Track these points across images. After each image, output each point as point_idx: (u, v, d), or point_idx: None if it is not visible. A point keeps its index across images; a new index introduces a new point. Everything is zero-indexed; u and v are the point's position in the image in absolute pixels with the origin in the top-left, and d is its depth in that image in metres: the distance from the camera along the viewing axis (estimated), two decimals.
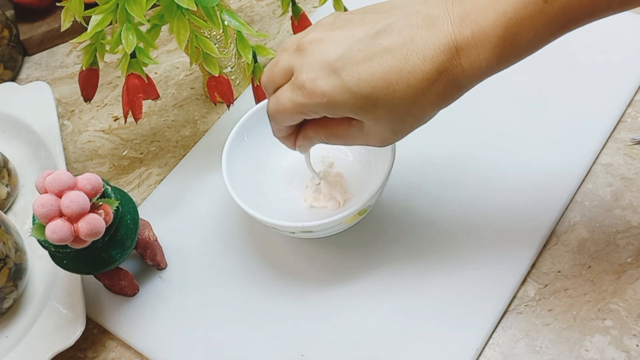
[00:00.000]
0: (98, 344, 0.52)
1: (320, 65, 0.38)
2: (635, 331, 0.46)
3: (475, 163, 0.55)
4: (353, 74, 0.37)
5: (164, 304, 0.53)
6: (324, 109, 0.39)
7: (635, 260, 0.49)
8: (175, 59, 0.72)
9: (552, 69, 0.61)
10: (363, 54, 0.37)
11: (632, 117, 0.57)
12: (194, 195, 0.59)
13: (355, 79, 0.37)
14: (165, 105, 0.68)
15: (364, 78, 0.37)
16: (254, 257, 0.54)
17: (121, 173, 0.63)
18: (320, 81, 0.38)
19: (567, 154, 0.55)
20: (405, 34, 0.37)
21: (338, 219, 0.47)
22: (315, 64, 0.39)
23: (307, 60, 0.39)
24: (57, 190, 0.43)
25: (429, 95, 0.37)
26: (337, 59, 0.38)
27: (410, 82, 0.37)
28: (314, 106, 0.39)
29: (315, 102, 0.39)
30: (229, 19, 0.53)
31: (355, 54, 0.38)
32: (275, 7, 0.75)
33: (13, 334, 0.52)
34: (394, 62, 0.37)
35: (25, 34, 0.76)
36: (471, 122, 0.58)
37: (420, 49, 0.36)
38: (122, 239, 0.48)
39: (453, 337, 0.47)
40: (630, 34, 0.62)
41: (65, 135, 0.67)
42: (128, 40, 0.49)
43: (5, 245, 0.50)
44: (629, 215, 0.52)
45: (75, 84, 0.71)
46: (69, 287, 0.51)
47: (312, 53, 0.39)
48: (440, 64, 0.36)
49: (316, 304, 0.50)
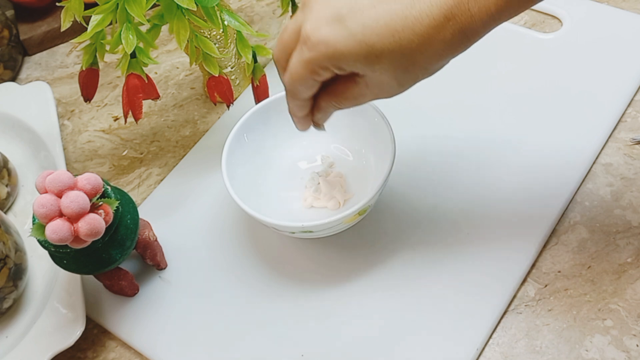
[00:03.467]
0: (98, 344, 0.52)
1: (325, 14, 0.37)
2: (635, 331, 0.46)
3: (475, 164, 0.55)
4: (357, 22, 0.36)
5: (164, 304, 0.53)
6: (330, 60, 0.37)
7: (635, 260, 0.49)
8: (175, 59, 0.72)
9: (552, 69, 0.61)
10: (368, 1, 0.36)
11: (632, 117, 0.57)
12: (194, 195, 0.59)
13: (360, 26, 0.36)
14: (165, 105, 0.68)
15: (369, 25, 0.36)
16: (254, 257, 0.54)
17: (121, 173, 0.63)
18: (324, 29, 0.37)
19: (567, 154, 0.55)
20: None
21: (338, 219, 0.47)
22: (319, 15, 0.37)
23: (313, 13, 0.38)
24: (57, 190, 0.43)
25: (436, 44, 0.36)
26: (342, 7, 0.37)
27: (416, 29, 0.35)
28: (320, 59, 0.38)
29: (320, 53, 0.37)
30: (229, 19, 0.53)
31: (359, 1, 0.36)
32: (275, 7, 0.75)
33: (13, 334, 0.52)
34: (399, 8, 0.36)
35: (25, 34, 0.76)
36: (471, 124, 0.58)
37: None
38: (122, 239, 0.48)
39: (453, 337, 0.47)
40: (630, 34, 0.62)
41: (65, 135, 0.67)
42: (128, 40, 0.49)
43: (5, 245, 0.50)
44: (629, 215, 0.52)
45: (75, 84, 0.71)
46: (69, 287, 0.51)
47: (316, 5, 0.38)
48: (448, 9, 0.35)
49: (316, 304, 0.50)
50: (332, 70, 0.38)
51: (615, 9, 0.65)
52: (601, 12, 0.65)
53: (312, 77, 0.39)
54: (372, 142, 0.53)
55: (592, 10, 0.65)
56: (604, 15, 0.65)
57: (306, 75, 0.39)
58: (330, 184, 0.53)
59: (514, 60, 0.62)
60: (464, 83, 0.61)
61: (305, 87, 0.40)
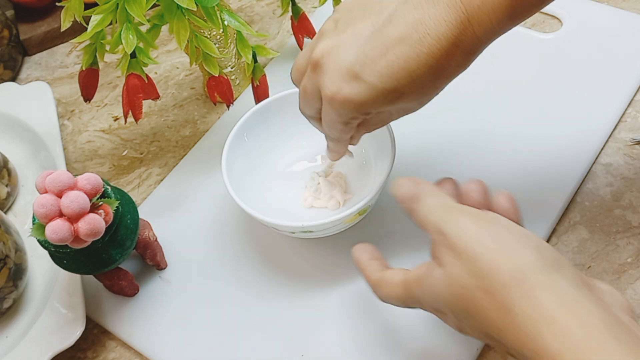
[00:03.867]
0: (98, 344, 0.52)
1: (340, 74, 0.39)
2: None
3: (475, 164, 0.55)
4: (373, 74, 0.38)
5: (164, 304, 0.53)
6: (358, 111, 0.40)
7: (635, 260, 0.49)
8: (175, 59, 0.72)
9: (552, 69, 0.61)
10: (377, 51, 0.37)
11: (632, 117, 0.57)
12: (194, 195, 0.59)
13: (377, 77, 0.38)
14: (165, 105, 0.68)
15: (385, 74, 0.37)
16: (254, 257, 0.54)
17: (121, 173, 0.63)
18: (345, 90, 0.39)
19: (567, 154, 0.55)
20: (412, 18, 0.37)
21: (338, 219, 0.47)
22: (335, 75, 0.39)
23: (327, 75, 0.40)
24: (57, 190, 0.43)
25: (450, 69, 0.38)
26: (354, 64, 0.38)
27: (430, 63, 0.37)
28: (349, 114, 0.40)
29: (349, 109, 0.40)
30: (229, 19, 0.53)
31: (369, 53, 0.38)
32: (275, 7, 0.75)
33: (13, 334, 0.52)
34: (409, 50, 0.37)
35: (25, 34, 0.76)
36: (471, 124, 0.58)
37: (432, 29, 0.36)
38: (122, 239, 0.48)
39: (453, 337, 0.47)
40: (630, 34, 0.62)
41: (65, 135, 0.67)
42: (128, 40, 0.49)
43: (5, 245, 0.50)
44: (629, 215, 0.52)
45: (75, 84, 0.71)
46: (69, 287, 0.51)
47: (328, 66, 0.39)
48: (455, 37, 0.36)
49: (316, 304, 0.50)
50: (362, 117, 0.42)
51: (615, 9, 0.65)
52: (601, 12, 0.65)
53: (347, 127, 0.43)
54: (372, 142, 0.53)
55: (592, 10, 0.65)
56: (604, 15, 0.65)
57: (341, 128, 0.43)
58: (330, 184, 0.53)
59: (514, 60, 0.62)
60: (464, 83, 0.61)
61: (344, 134, 0.44)
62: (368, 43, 0.38)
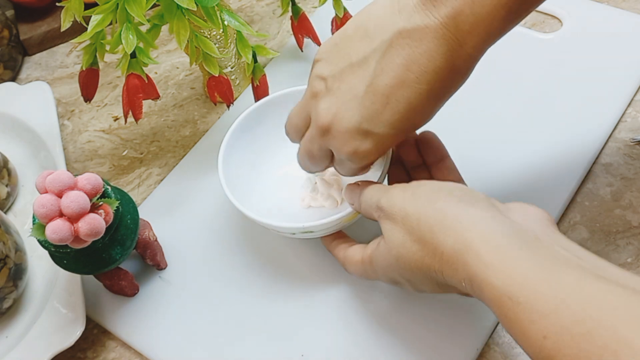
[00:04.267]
0: (98, 344, 0.52)
1: (351, 136, 0.40)
2: None
3: (475, 163, 0.55)
4: (383, 125, 0.39)
5: (164, 304, 0.53)
6: (380, 154, 0.41)
7: (635, 260, 0.49)
8: (175, 59, 0.72)
9: (552, 69, 0.61)
10: (379, 104, 0.38)
11: (632, 117, 0.57)
12: (194, 195, 0.59)
13: (388, 127, 0.39)
14: (165, 105, 0.68)
15: (394, 121, 0.38)
16: (254, 257, 0.54)
17: (121, 173, 0.63)
18: (362, 147, 0.40)
19: (567, 154, 0.55)
20: (402, 60, 0.37)
21: (339, 217, 0.47)
22: (346, 138, 0.40)
23: (337, 139, 0.40)
24: (57, 190, 0.43)
25: (451, 89, 0.39)
26: (361, 122, 0.39)
27: (432, 94, 0.37)
28: (371, 161, 0.42)
29: (370, 160, 0.41)
30: (229, 19, 0.53)
31: (370, 108, 0.38)
32: (275, 7, 0.75)
33: (13, 334, 0.52)
34: (410, 91, 0.37)
35: (25, 34, 0.76)
36: (471, 124, 0.58)
37: (427, 65, 0.36)
38: (122, 239, 0.48)
39: (453, 337, 0.47)
40: (630, 34, 0.62)
41: (65, 135, 0.67)
42: (128, 40, 0.49)
43: (5, 245, 0.50)
44: (629, 215, 0.52)
45: (75, 84, 0.71)
46: (69, 287, 0.51)
47: (337, 130, 0.40)
48: (451, 62, 0.36)
49: (316, 304, 0.50)
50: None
51: (615, 9, 0.65)
52: (601, 12, 0.65)
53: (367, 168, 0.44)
54: None
55: (592, 10, 0.65)
56: (604, 15, 0.65)
57: (363, 171, 0.44)
58: (327, 183, 0.53)
59: (514, 60, 0.62)
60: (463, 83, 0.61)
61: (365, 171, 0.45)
62: (367, 98, 0.38)
